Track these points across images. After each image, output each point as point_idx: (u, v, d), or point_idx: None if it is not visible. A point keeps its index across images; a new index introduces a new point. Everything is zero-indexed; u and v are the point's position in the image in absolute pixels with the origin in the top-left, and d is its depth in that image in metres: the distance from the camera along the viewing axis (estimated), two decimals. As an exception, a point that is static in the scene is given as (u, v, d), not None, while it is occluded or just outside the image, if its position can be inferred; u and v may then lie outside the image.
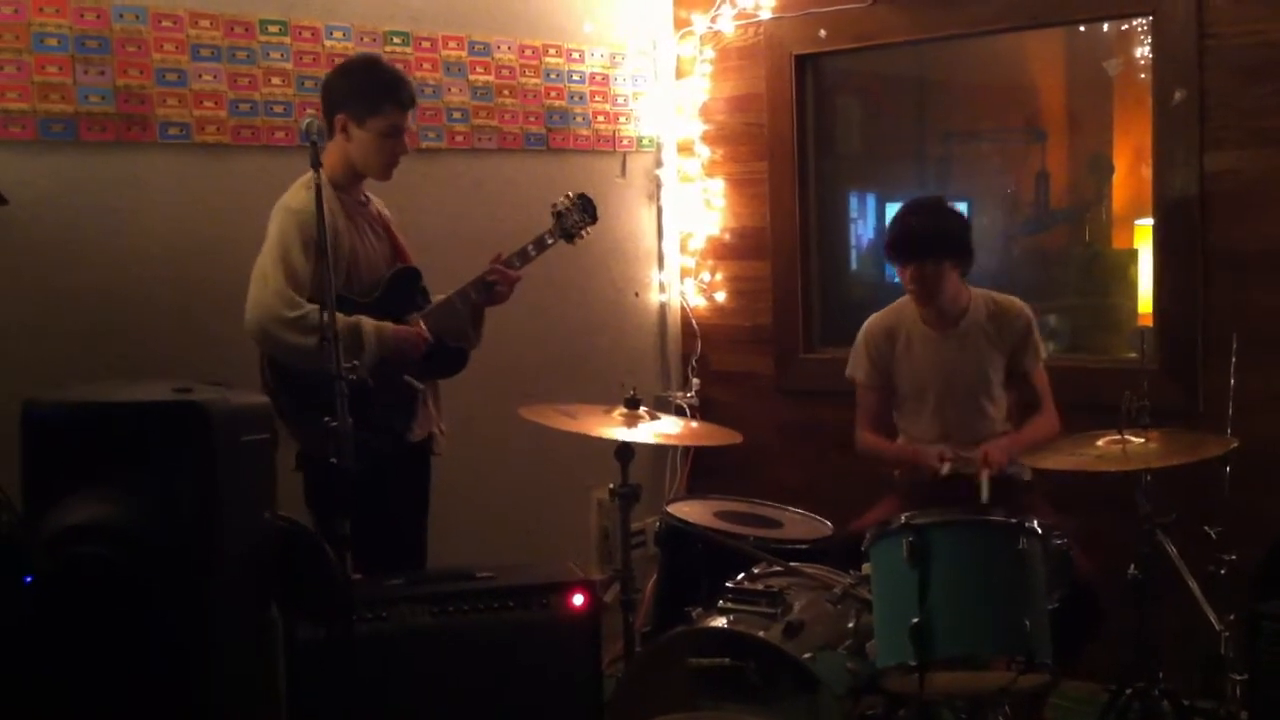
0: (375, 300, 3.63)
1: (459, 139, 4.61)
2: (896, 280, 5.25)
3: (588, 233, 3.99)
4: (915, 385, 4.06)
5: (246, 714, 2.87)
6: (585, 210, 3.96)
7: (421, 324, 3.67)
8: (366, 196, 3.79)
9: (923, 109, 5.65)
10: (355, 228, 3.67)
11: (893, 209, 5.44)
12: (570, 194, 3.96)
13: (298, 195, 3.57)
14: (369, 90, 3.61)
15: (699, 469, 5.23)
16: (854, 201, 5.50)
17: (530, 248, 3.85)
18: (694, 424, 4.69)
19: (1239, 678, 3.59)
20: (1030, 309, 4.04)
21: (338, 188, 3.61)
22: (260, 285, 3.47)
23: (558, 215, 3.91)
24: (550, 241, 3.90)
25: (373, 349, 3.51)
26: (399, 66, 3.90)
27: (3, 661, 2.64)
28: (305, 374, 3.36)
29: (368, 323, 3.53)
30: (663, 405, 5.21)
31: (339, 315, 3.42)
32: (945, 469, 3.81)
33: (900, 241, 3.94)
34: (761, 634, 3.05)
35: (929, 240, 3.90)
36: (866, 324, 4.18)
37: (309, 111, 3.82)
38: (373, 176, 3.71)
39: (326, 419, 2.84)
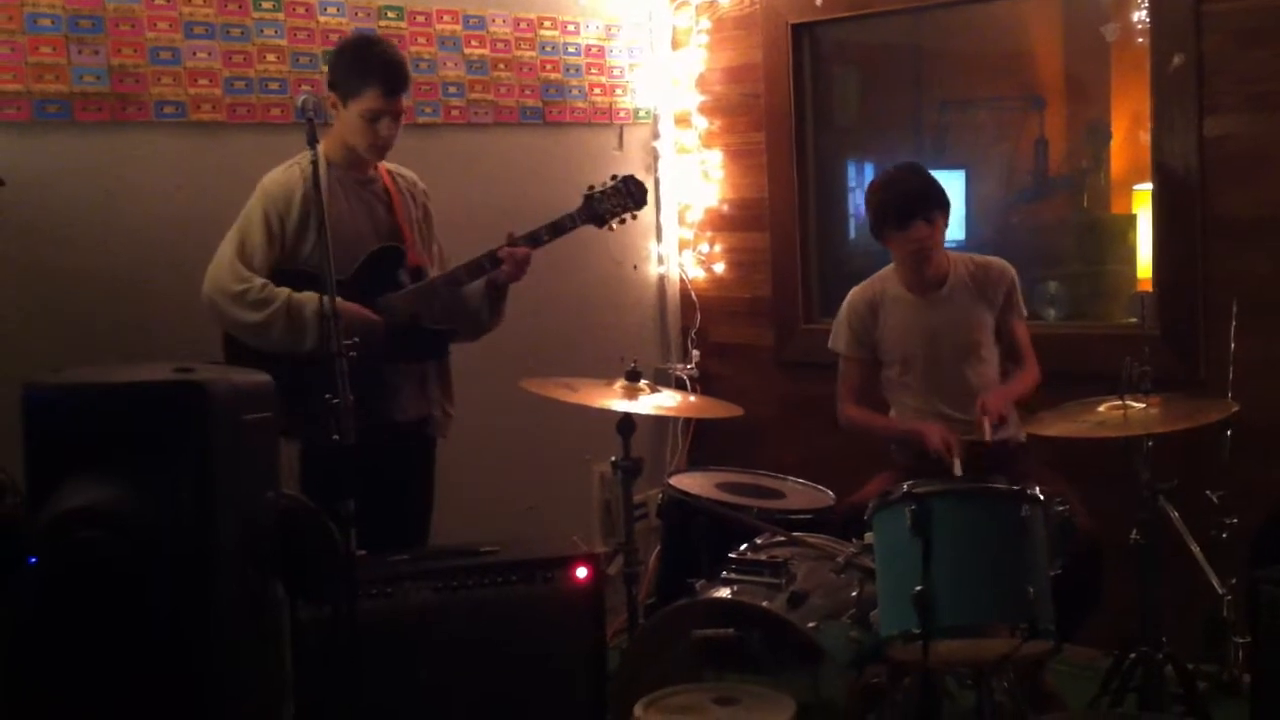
0: (349, 278, 3.52)
1: (455, 114, 4.60)
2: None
3: (632, 217, 3.80)
4: (901, 353, 4.05)
5: (252, 693, 2.88)
6: (629, 194, 3.76)
7: (368, 309, 3.56)
8: (375, 173, 3.74)
9: (920, 77, 5.63)
10: (349, 205, 3.66)
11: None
12: (616, 175, 3.77)
13: (276, 174, 3.59)
14: (352, 72, 3.58)
15: (700, 441, 5.24)
16: (852, 171, 5.48)
17: (544, 232, 3.71)
18: (694, 397, 4.70)
19: (1241, 641, 3.62)
20: (1012, 267, 4.05)
21: (336, 165, 3.60)
22: (215, 260, 3.53)
23: (588, 199, 3.74)
24: (570, 226, 3.73)
25: (313, 328, 3.36)
26: (394, 45, 3.85)
27: (6, 643, 2.64)
28: (255, 351, 3.38)
29: (311, 302, 3.39)
30: (663, 378, 5.20)
31: (283, 290, 3.46)
32: (956, 467, 3.67)
33: (900, 204, 3.88)
34: (765, 604, 3.06)
35: (927, 197, 3.89)
36: (849, 296, 4.16)
37: (304, 88, 3.81)
38: (363, 156, 3.68)
39: (328, 395, 2.84)
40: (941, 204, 3.93)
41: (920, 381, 4.03)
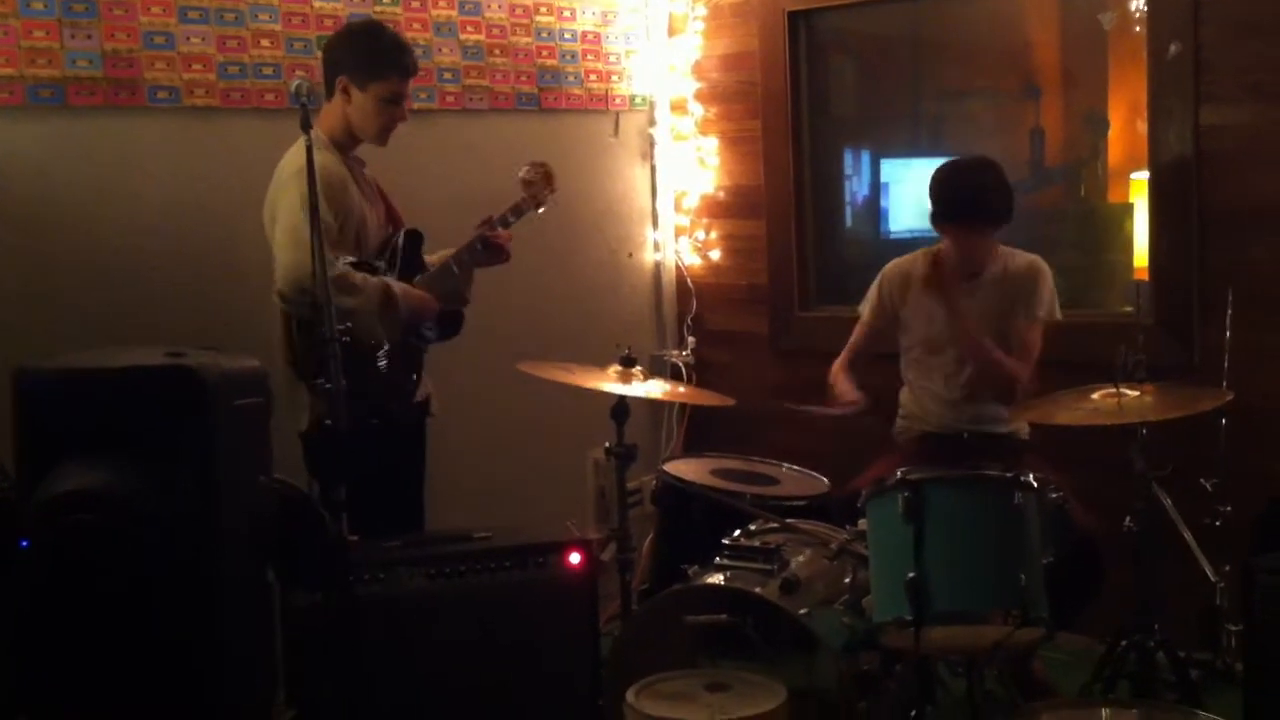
0: (392, 264, 3.67)
1: (450, 100, 4.59)
2: (892, 238, 5.27)
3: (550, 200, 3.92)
4: (924, 335, 4.04)
5: (244, 678, 2.88)
6: (547, 179, 3.87)
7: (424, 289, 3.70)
8: (360, 160, 3.78)
9: (917, 66, 5.61)
10: (360, 189, 3.67)
11: (888, 166, 5.45)
12: (532, 162, 3.88)
13: (299, 161, 3.54)
14: (373, 55, 3.60)
15: (695, 428, 5.23)
16: (849, 159, 5.47)
17: (510, 215, 3.82)
18: (683, 387, 4.69)
19: (1235, 629, 3.62)
20: (1044, 267, 3.94)
21: (341, 149, 3.62)
22: (293, 247, 3.33)
23: (527, 183, 3.85)
24: (526, 210, 3.85)
25: (404, 310, 3.56)
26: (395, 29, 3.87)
27: (6, 628, 2.65)
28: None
29: (395, 284, 3.58)
30: (659, 365, 5.21)
31: (368, 277, 3.52)
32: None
33: (961, 203, 3.80)
34: (758, 590, 3.06)
35: (980, 207, 3.78)
36: (887, 266, 4.16)
37: (299, 73, 3.80)
38: (369, 141, 3.70)
39: (319, 380, 2.83)
40: (994, 216, 3.80)
41: (937, 369, 4.00)
